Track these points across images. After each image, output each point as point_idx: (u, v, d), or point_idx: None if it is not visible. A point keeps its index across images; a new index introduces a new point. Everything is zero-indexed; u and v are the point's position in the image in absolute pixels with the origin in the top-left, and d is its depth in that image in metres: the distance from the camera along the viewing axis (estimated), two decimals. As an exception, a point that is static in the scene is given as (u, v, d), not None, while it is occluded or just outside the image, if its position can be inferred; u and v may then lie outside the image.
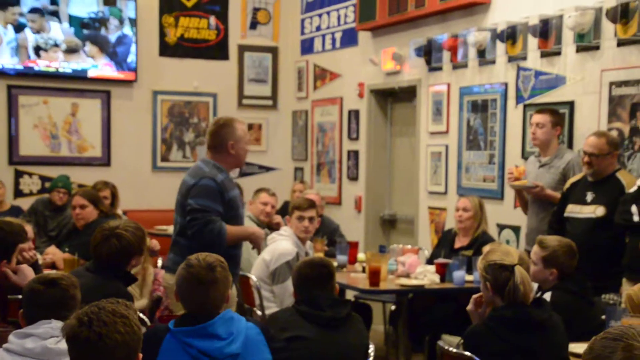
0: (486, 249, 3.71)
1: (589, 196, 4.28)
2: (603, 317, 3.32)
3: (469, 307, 3.09)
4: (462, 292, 4.70)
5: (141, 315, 3.63)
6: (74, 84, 7.53)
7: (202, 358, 2.52)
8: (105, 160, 7.68)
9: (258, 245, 4.02)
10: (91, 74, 7.50)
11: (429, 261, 5.17)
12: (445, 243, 5.25)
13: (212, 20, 7.99)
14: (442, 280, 4.70)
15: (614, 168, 4.29)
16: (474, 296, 3.08)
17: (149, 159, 7.88)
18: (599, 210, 4.21)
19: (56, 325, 2.40)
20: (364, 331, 3.24)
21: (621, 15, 4.37)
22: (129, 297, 3.11)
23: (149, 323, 3.62)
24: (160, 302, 4.51)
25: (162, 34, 7.83)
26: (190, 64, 7.94)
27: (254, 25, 8.18)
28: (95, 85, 7.60)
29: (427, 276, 4.70)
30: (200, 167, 3.89)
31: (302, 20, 8.02)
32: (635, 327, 1.57)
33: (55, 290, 2.48)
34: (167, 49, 7.85)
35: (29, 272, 3.39)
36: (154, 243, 5.40)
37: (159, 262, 5.47)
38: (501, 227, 5.44)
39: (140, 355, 1.85)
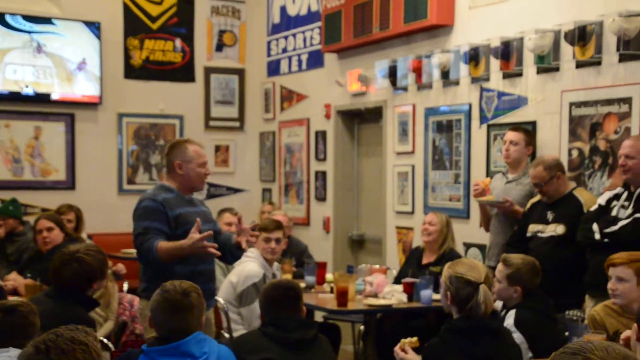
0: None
1: (549, 215, 4.36)
2: (566, 333, 3.36)
3: None
4: (429, 311, 4.73)
5: (105, 340, 3.58)
6: (37, 107, 7.46)
7: None
8: (69, 184, 7.60)
9: (203, 251, 3.67)
10: (55, 96, 7.44)
11: (397, 279, 5.19)
12: (412, 260, 5.28)
13: (178, 42, 7.99)
14: (410, 299, 4.72)
15: (567, 187, 4.39)
16: None
17: (114, 181, 7.82)
18: (559, 229, 4.28)
19: (14, 353, 2.36)
20: (331, 352, 3.24)
21: (579, 37, 4.47)
22: (89, 322, 3.07)
23: (113, 348, 3.57)
24: (126, 326, 4.45)
25: (127, 57, 7.80)
26: (156, 86, 7.92)
27: (220, 47, 8.19)
28: (59, 108, 7.53)
29: (394, 295, 4.72)
30: (147, 191, 3.92)
31: (268, 42, 8.06)
32: (594, 341, 1.60)
33: (13, 318, 2.44)
34: (132, 72, 7.82)
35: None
36: (119, 267, 5.35)
37: (125, 286, 5.41)
38: (467, 246, 5.49)
39: (100, 383, 1.83)
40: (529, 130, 4.84)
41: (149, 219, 3.69)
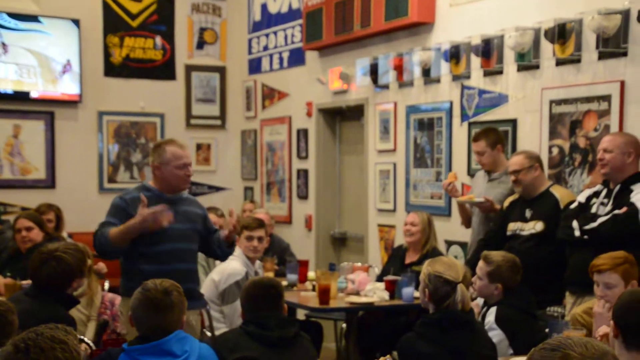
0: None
1: (528, 213, 4.39)
2: (547, 330, 3.38)
3: None
4: (411, 308, 4.74)
5: (86, 339, 3.56)
6: (16, 105, 7.38)
7: None
8: (49, 183, 7.53)
9: (157, 225, 3.66)
10: (34, 94, 7.37)
11: (380, 278, 5.20)
12: (395, 259, 5.29)
13: (158, 40, 7.95)
14: (392, 297, 4.73)
15: (544, 183, 4.42)
16: None
17: (95, 180, 7.76)
18: (538, 226, 4.31)
19: (-7, 352, 2.33)
20: (313, 350, 3.24)
21: (559, 35, 4.50)
22: (69, 321, 3.04)
23: (94, 347, 3.54)
24: (107, 325, 4.42)
25: (107, 54, 7.75)
26: (137, 84, 7.87)
27: (200, 45, 8.16)
28: (39, 106, 7.46)
29: (376, 293, 4.73)
30: (126, 189, 3.99)
31: (250, 40, 8.04)
32: (573, 338, 1.61)
33: (-10, 317, 2.42)
34: (112, 70, 7.77)
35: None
36: (100, 266, 5.31)
37: (106, 285, 5.38)
38: (449, 244, 5.51)
39: (80, 381, 1.82)
40: (487, 130, 4.83)
41: (110, 215, 3.78)
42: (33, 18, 7.33)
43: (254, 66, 7.99)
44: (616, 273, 3.26)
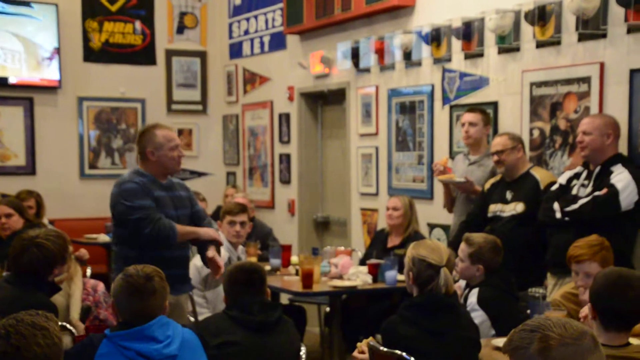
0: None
1: (509, 195, 4.42)
2: (528, 311, 3.41)
3: None
4: (394, 292, 4.77)
5: (68, 325, 3.54)
6: (-5, 91, 7.31)
7: None
8: (30, 169, 7.47)
9: (216, 241, 3.91)
10: (12, 80, 7.28)
11: (362, 261, 5.22)
12: (377, 243, 5.31)
13: (138, 24, 7.87)
14: (375, 280, 4.75)
15: (525, 165, 4.46)
16: None
17: (76, 166, 7.71)
18: (518, 207, 4.35)
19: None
20: (296, 334, 3.24)
21: (539, 17, 4.51)
22: (50, 308, 3.03)
23: (76, 333, 3.53)
24: (90, 311, 4.41)
25: (86, 39, 7.66)
26: (117, 69, 7.80)
27: (181, 29, 8.09)
28: (17, 92, 7.38)
29: (359, 277, 4.74)
30: (122, 176, 3.91)
31: (230, 24, 7.99)
32: (552, 318, 1.62)
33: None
34: (91, 55, 7.69)
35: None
36: (82, 252, 5.28)
37: (88, 272, 5.35)
38: (432, 227, 5.53)
39: (61, 367, 1.81)
40: (484, 110, 4.88)
41: (138, 197, 3.71)
42: (25, 3, 7.23)
43: (235, 51, 7.95)
44: (595, 262, 3.29)
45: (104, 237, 6.79)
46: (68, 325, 3.54)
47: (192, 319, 4.53)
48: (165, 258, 3.67)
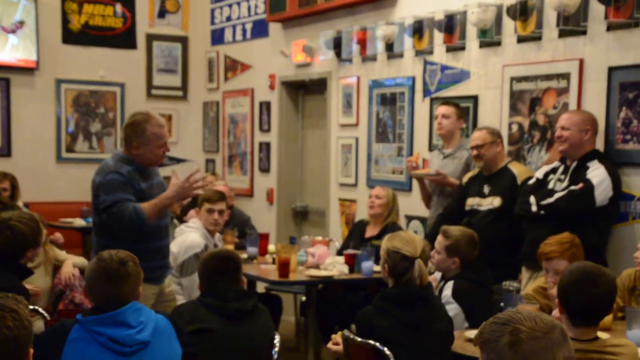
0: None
1: (486, 189, 4.44)
2: (502, 304, 3.43)
3: None
4: (370, 282, 4.78)
5: (40, 309, 3.51)
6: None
7: (112, 345, 2.50)
8: (5, 151, 7.38)
9: (191, 193, 3.80)
10: (-11, 61, 7.19)
11: (340, 252, 5.22)
12: (355, 233, 5.31)
13: (118, 7, 7.78)
14: (351, 270, 4.75)
15: (503, 160, 4.48)
16: None
17: (53, 149, 7.63)
18: (495, 201, 4.37)
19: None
20: (270, 323, 3.24)
21: (520, 12, 4.52)
22: (21, 291, 3.00)
23: (48, 317, 3.50)
24: (63, 295, 4.38)
25: (65, 21, 7.57)
26: (96, 52, 7.72)
27: (162, 14, 8.02)
28: (-6, 72, 7.29)
29: (336, 267, 4.75)
30: (107, 162, 3.78)
31: (212, 10, 7.93)
32: (522, 312, 1.63)
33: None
34: (70, 37, 7.60)
35: None
36: (57, 236, 5.24)
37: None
38: (409, 218, 5.55)
39: (31, 351, 1.79)
40: (459, 104, 4.90)
41: (119, 190, 3.62)
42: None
43: (217, 37, 7.89)
44: (564, 259, 3.33)
45: (79, 222, 6.74)
46: (40, 309, 3.51)
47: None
48: (151, 249, 3.65)
